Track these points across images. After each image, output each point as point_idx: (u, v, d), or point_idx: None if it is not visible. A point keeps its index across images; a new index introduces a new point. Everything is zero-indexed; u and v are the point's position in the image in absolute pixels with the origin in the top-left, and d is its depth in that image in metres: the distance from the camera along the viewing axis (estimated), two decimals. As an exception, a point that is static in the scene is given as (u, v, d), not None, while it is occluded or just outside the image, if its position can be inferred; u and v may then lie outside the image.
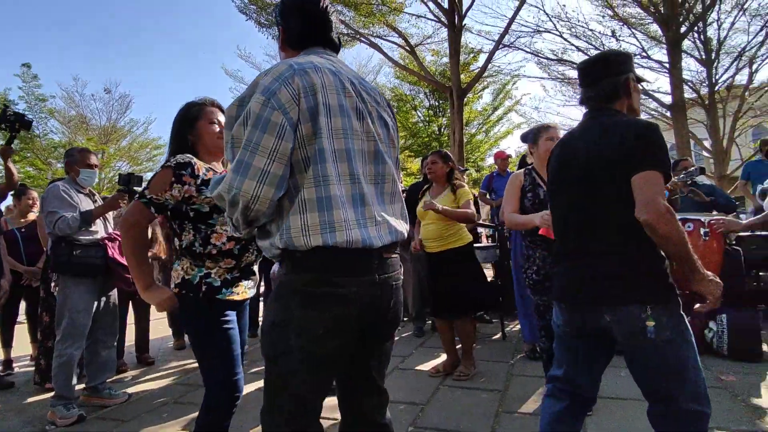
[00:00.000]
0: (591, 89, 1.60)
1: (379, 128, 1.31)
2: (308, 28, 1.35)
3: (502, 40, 10.63)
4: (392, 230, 1.28)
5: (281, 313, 1.19)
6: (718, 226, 3.34)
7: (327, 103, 1.17)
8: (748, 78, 11.16)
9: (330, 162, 1.16)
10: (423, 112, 20.43)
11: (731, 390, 2.77)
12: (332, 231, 1.14)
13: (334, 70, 1.24)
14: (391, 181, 1.33)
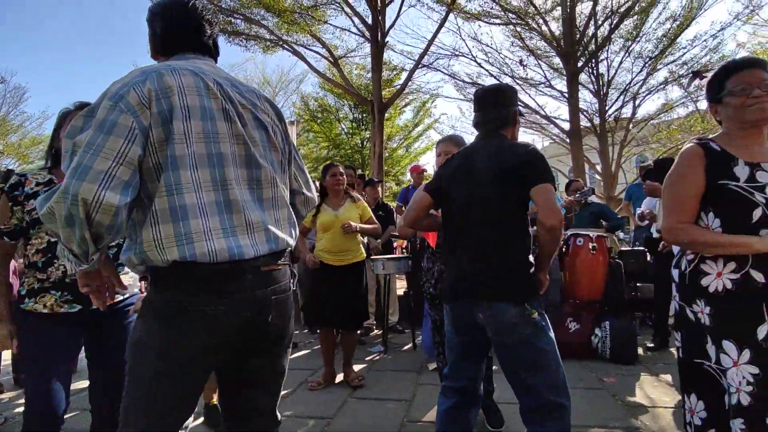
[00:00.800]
0: (486, 115, 1.77)
1: (254, 130, 1.25)
2: (175, 33, 1.28)
3: (421, 60, 11.04)
4: (272, 238, 1.21)
5: (144, 333, 1.10)
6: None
7: (185, 105, 1.09)
8: (632, 111, 12.67)
9: (186, 168, 1.08)
10: (347, 124, 20.56)
11: (611, 390, 3.05)
12: (189, 242, 1.06)
13: (195, 71, 1.16)
14: (270, 185, 1.26)
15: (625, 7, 10.44)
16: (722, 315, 1.39)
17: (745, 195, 1.38)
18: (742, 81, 1.43)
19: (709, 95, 1.56)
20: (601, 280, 4.16)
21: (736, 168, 1.42)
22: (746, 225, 1.38)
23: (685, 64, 11.46)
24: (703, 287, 1.44)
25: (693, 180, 1.45)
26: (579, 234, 4.21)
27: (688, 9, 10.51)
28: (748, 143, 1.46)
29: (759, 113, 1.41)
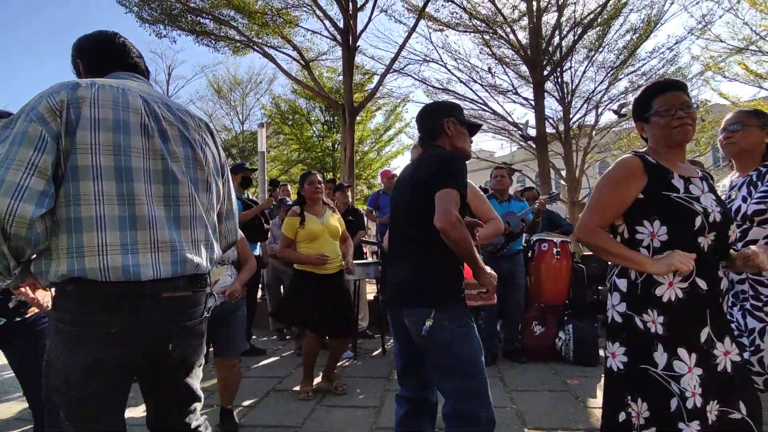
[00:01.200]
0: (420, 129, 1.93)
1: (178, 147, 1.24)
2: (101, 55, 1.32)
3: (392, 65, 11.12)
4: (179, 260, 1.18)
5: (49, 350, 1.13)
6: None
7: (95, 117, 1.09)
8: (594, 119, 13.14)
9: (88, 179, 1.07)
10: (318, 127, 20.45)
11: (574, 393, 3.14)
12: (80, 256, 1.04)
13: (118, 87, 1.17)
14: (189, 203, 1.24)
15: (589, 19, 10.82)
16: (676, 323, 1.44)
17: (687, 205, 1.46)
18: (666, 102, 1.51)
19: (635, 114, 1.64)
20: (565, 284, 4.28)
21: (673, 180, 1.50)
22: (689, 232, 1.46)
23: (645, 75, 11.98)
24: (657, 297, 1.47)
25: (624, 190, 1.51)
26: (544, 239, 4.32)
27: (647, 22, 10.99)
28: (673, 160, 1.55)
29: (683, 134, 1.50)
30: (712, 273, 1.47)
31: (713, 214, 1.46)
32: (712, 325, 1.44)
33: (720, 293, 1.49)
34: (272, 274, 5.22)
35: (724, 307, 1.51)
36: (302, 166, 21.48)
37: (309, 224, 3.30)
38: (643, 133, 1.62)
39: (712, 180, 1.64)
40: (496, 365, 3.80)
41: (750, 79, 10.66)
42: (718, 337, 1.44)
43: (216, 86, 25.50)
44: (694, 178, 1.53)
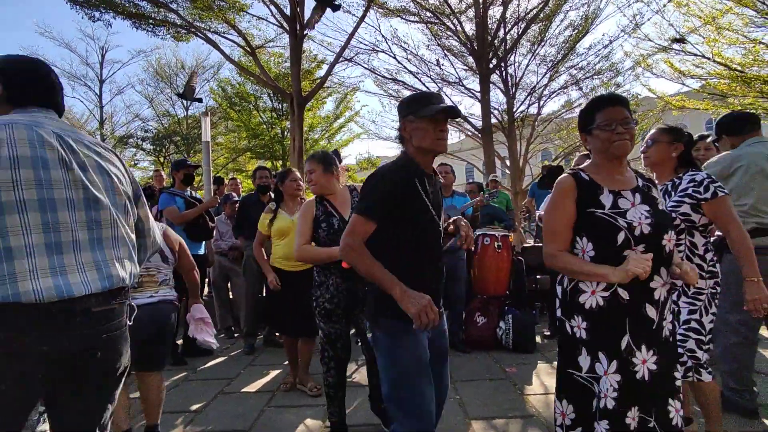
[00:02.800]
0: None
1: (97, 176, 1.37)
2: (29, 89, 1.38)
3: (342, 53, 10.99)
4: (106, 276, 1.31)
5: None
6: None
7: (14, 156, 1.20)
8: (537, 110, 13.68)
9: (13, 213, 1.17)
10: (266, 114, 19.92)
11: (512, 380, 3.35)
12: (12, 282, 1.14)
13: (32, 125, 1.27)
14: (111, 225, 1.38)
15: (532, 14, 11.19)
16: (596, 329, 1.56)
17: (609, 221, 1.55)
18: (608, 117, 1.58)
19: (580, 126, 1.71)
20: (506, 276, 4.51)
21: (602, 196, 1.59)
22: (613, 247, 1.54)
23: (582, 69, 12.60)
24: (581, 304, 1.59)
25: (564, 210, 1.62)
26: (486, 234, 4.51)
27: (585, 19, 11.53)
28: (611, 172, 1.64)
29: (621, 148, 1.59)
30: (639, 283, 1.51)
31: (640, 227, 1.52)
32: (632, 334, 1.53)
33: (648, 302, 1.54)
34: (219, 272, 5.13)
35: (654, 312, 1.55)
36: (250, 154, 20.91)
37: (278, 221, 3.30)
38: (586, 144, 1.71)
39: (653, 188, 1.69)
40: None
41: (675, 75, 11.45)
42: (637, 345, 1.53)
43: (158, 70, 24.08)
44: (625, 191, 1.60)
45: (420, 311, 1.47)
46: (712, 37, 10.52)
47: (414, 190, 1.63)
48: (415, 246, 1.65)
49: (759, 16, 9.81)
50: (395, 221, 1.61)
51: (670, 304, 1.62)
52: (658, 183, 2.27)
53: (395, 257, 1.61)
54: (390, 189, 1.61)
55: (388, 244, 1.63)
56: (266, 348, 4.59)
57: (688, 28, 10.82)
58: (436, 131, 1.63)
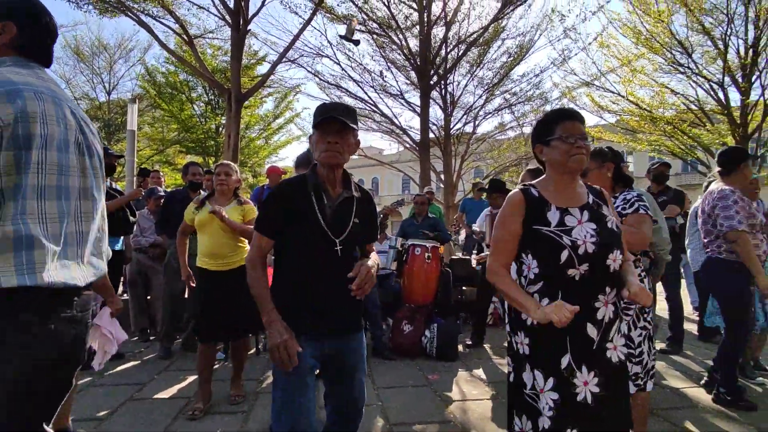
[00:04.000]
0: None
1: (96, 161, 1.31)
2: (42, 40, 1.28)
3: (285, 53, 10.82)
4: (95, 265, 1.30)
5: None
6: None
7: (45, 134, 1.10)
8: (472, 129, 14.32)
9: (34, 199, 1.10)
10: (200, 106, 19.03)
11: (434, 387, 3.46)
12: (31, 272, 1.08)
13: (55, 98, 1.16)
14: (99, 217, 1.34)
15: (473, 38, 11.74)
16: (536, 346, 1.54)
17: (554, 238, 1.52)
18: (569, 130, 1.56)
19: (536, 136, 1.67)
20: (434, 286, 4.66)
21: (549, 212, 1.56)
22: (556, 265, 1.51)
23: (515, 95, 13.41)
24: (523, 320, 1.58)
25: (510, 226, 1.60)
26: (417, 244, 4.65)
27: (520, 48, 12.31)
28: (563, 188, 1.62)
29: (578, 163, 1.56)
30: (581, 304, 1.47)
31: (584, 246, 1.49)
32: (573, 354, 1.49)
33: (590, 321, 1.51)
34: (136, 269, 4.81)
35: (595, 332, 1.51)
36: (180, 147, 19.84)
37: (200, 213, 3.14)
38: (540, 155, 1.66)
39: (604, 205, 1.66)
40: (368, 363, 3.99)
41: (594, 109, 12.56)
42: (578, 365, 1.49)
43: (75, 48, 22.14)
44: (573, 208, 1.58)
45: (273, 348, 1.53)
46: (627, 77, 11.66)
47: (305, 204, 1.62)
48: (305, 263, 1.63)
49: (666, 63, 11.03)
50: (287, 236, 1.64)
51: (618, 325, 1.58)
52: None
53: (286, 274, 1.67)
54: (280, 201, 1.64)
55: (282, 259, 1.69)
56: (185, 353, 4.36)
57: (608, 67, 11.92)
58: (325, 143, 1.61)
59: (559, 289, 1.52)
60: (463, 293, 5.52)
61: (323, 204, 1.65)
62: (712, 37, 10.35)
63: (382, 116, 12.85)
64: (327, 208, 1.65)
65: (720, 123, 11.14)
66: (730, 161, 3.12)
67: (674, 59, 10.82)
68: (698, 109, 11.18)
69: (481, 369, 3.90)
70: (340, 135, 1.63)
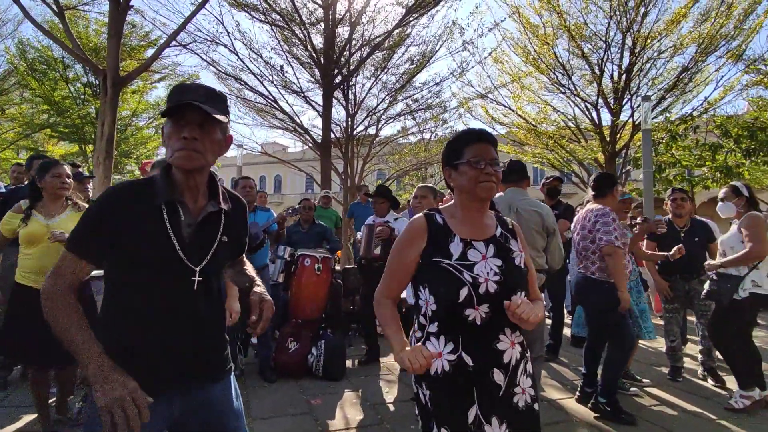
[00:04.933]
0: None
1: None
2: None
3: (175, 36, 9.82)
4: None
5: None
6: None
7: None
8: (375, 132, 14.36)
9: None
10: (78, 88, 16.75)
11: (315, 415, 3.23)
12: None
13: None
14: None
15: (377, 41, 11.73)
16: (440, 399, 1.37)
17: (454, 273, 1.37)
18: (478, 154, 1.43)
19: (445, 158, 1.53)
20: (323, 299, 4.44)
21: (451, 244, 1.41)
22: (454, 303, 1.36)
23: (417, 101, 13.72)
24: (426, 371, 1.37)
25: (407, 254, 1.45)
26: (306, 255, 4.39)
27: (422, 56, 12.59)
28: (470, 217, 1.48)
29: (487, 191, 1.43)
30: (484, 348, 1.38)
31: (485, 284, 1.35)
32: (480, 405, 1.35)
33: (497, 366, 1.39)
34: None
35: (502, 377, 1.38)
36: (51, 132, 17.32)
37: (31, 224, 2.63)
38: (449, 180, 1.52)
39: (512, 239, 1.51)
40: (244, 388, 3.65)
41: (488, 120, 13.32)
42: (487, 418, 1.34)
43: None
44: (477, 242, 1.43)
45: (110, 405, 1.06)
46: (517, 93, 12.53)
47: (151, 221, 1.21)
48: (148, 298, 1.22)
49: (550, 83, 12.02)
50: (120, 259, 1.22)
51: (524, 367, 1.46)
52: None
53: (119, 309, 1.23)
54: (111, 216, 1.19)
55: (113, 288, 1.25)
56: (23, 383, 3.64)
57: (500, 82, 12.69)
58: (180, 139, 1.20)
59: (458, 331, 1.38)
60: (355, 303, 5.37)
61: (179, 221, 1.24)
62: (590, 62, 11.49)
63: (283, 113, 12.31)
64: (184, 228, 1.25)
65: (593, 140, 12.42)
66: (603, 186, 3.39)
67: (557, 80, 11.81)
68: (575, 126, 12.35)
69: (369, 390, 3.76)
70: (202, 129, 1.22)
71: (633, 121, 11.21)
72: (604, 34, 10.91)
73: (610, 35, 10.86)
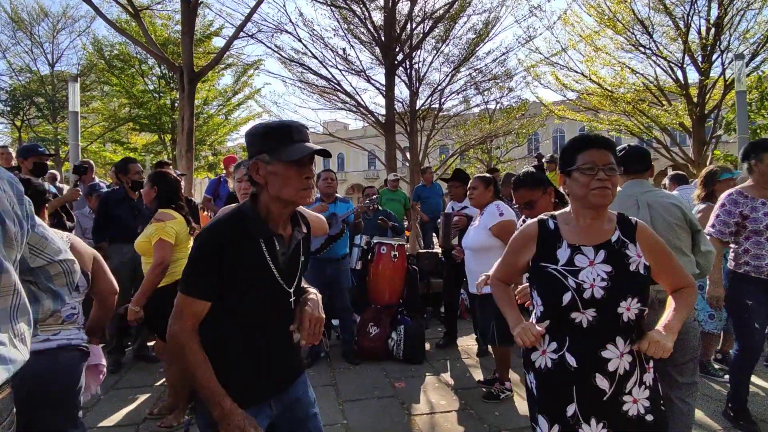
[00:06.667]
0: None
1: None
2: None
3: (243, 27, 10.18)
4: (8, 359, 0.92)
5: None
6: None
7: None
8: (438, 106, 14.09)
9: None
10: (154, 81, 17.90)
11: (400, 398, 3.36)
12: None
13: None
14: (11, 293, 0.98)
15: (439, 14, 11.40)
16: (543, 390, 1.49)
17: (559, 278, 1.42)
18: (590, 160, 1.41)
19: (560, 165, 1.54)
20: (400, 285, 4.53)
21: (559, 250, 1.46)
22: (558, 307, 1.43)
23: (481, 72, 13.23)
24: (532, 361, 1.52)
25: (519, 257, 1.59)
26: (383, 243, 4.49)
27: (485, 25, 12.07)
28: (583, 223, 1.49)
29: (600, 198, 1.40)
30: (588, 350, 1.41)
31: (591, 290, 1.38)
32: (580, 404, 1.41)
33: (599, 372, 1.40)
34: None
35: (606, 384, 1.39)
36: (132, 124, 18.74)
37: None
38: (564, 187, 1.53)
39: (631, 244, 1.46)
40: (331, 371, 3.88)
41: (558, 87, 12.59)
42: (585, 417, 1.40)
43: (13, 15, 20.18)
44: (587, 247, 1.45)
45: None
46: (590, 56, 11.68)
47: (254, 254, 1.31)
48: (256, 323, 1.36)
49: (627, 43, 11.08)
50: (229, 290, 1.30)
51: (640, 376, 1.43)
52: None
53: (224, 341, 1.33)
54: (218, 253, 1.26)
55: (220, 321, 1.32)
56: (136, 364, 4.10)
57: (571, 45, 11.87)
58: (303, 180, 1.29)
59: (564, 332, 1.45)
60: (429, 286, 5.44)
61: (275, 251, 1.34)
62: (673, 17, 10.43)
63: (346, 95, 12.41)
64: (280, 257, 1.35)
65: (677, 102, 11.39)
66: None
67: (635, 39, 10.87)
68: (657, 88, 11.36)
69: (449, 373, 3.84)
70: (310, 167, 1.34)
71: (724, 79, 10.11)
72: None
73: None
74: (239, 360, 1.35)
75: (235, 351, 1.35)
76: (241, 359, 1.35)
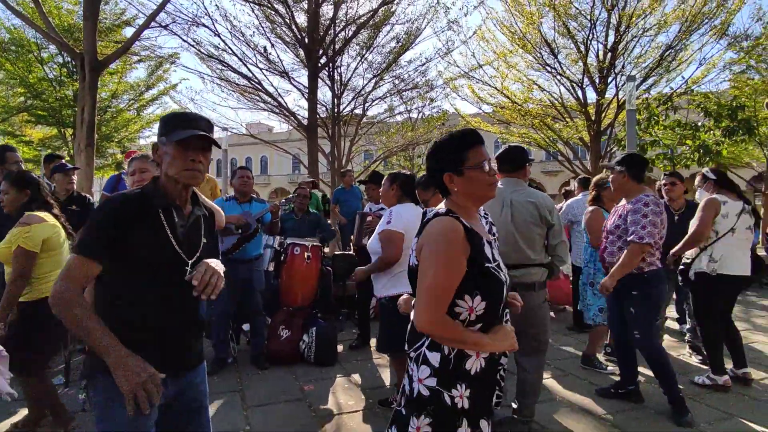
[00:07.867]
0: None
1: None
2: None
3: (155, 16, 9.56)
4: None
5: None
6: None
7: None
8: (362, 112, 14.24)
9: None
10: (54, 69, 16.20)
11: (308, 401, 3.34)
12: None
13: None
14: None
15: (362, 20, 11.54)
16: (478, 395, 1.39)
17: (497, 275, 1.38)
18: (480, 156, 1.40)
19: (445, 163, 1.43)
20: (313, 287, 4.50)
21: (485, 247, 1.39)
22: (499, 304, 1.40)
23: (403, 80, 13.60)
24: (467, 370, 1.37)
25: (458, 266, 1.31)
26: (296, 243, 4.43)
27: (407, 35, 12.44)
28: (475, 217, 1.47)
29: (489, 190, 1.42)
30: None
31: (507, 279, 1.43)
32: (500, 387, 1.49)
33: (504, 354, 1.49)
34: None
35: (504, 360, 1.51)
36: (28, 116, 16.85)
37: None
38: (451, 185, 1.41)
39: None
40: (238, 376, 3.75)
41: (474, 100, 13.31)
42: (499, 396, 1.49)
43: None
44: (491, 239, 1.47)
45: (134, 389, 1.27)
46: (503, 72, 12.50)
47: (152, 222, 1.43)
48: (152, 291, 1.43)
49: (536, 62, 12.01)
50: (124, 261, 1.38)
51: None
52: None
53: (123, 306, 1.41)
54: (119, 222, 1.37)
55: (116, 288, 1.42)
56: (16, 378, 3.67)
57: (486, 60, 12.63)
58: (187, 160, 1.44)
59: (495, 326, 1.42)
60: (345, 288, 5.46)
61: (173, 222, 1.47)
62: (575, 41, 11.48)
63: (267, 95, 12.11)
64: (178, 228, 1.48)
65: (578, 119, 12.51)
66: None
67: (542, 58, 11.81)
68: (560, 105, 12.40)
69: (359, 374, 3.88)
70: (203, 153, 1.48)
71: (618, 100, 11.29)
72: (590, 12, 10.89)
73: (595, 13, 10.86)
74: (132, 327, 1.38)
75: (128, 318, 1.39)
76: (134, 327, 1.39)
